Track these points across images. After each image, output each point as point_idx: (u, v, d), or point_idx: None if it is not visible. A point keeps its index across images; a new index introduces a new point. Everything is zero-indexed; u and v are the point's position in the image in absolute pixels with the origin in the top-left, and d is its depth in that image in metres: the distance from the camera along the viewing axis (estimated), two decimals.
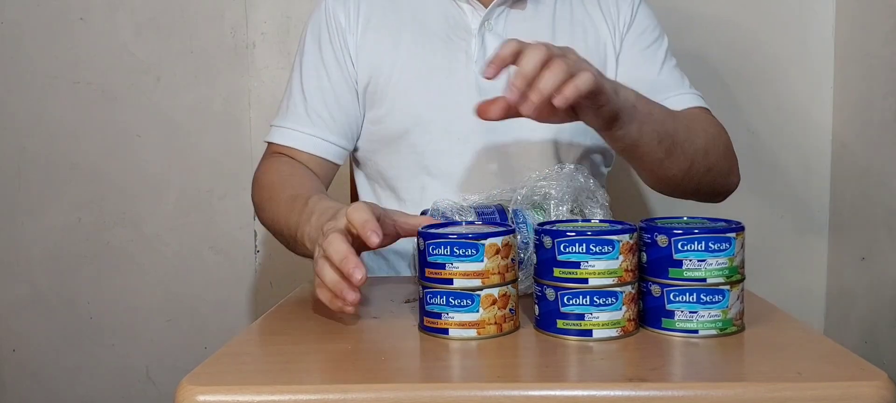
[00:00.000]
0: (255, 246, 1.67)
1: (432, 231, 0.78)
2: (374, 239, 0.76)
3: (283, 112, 1.15)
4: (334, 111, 1.13)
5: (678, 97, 1.13)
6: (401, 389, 0.64)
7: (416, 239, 0.78)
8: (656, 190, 1.11)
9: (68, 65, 1.62)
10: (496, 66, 0.82)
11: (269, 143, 1.16)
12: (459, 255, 0.75)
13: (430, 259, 0.76)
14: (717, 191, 1.12)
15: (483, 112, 0.84)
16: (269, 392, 0.64)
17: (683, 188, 1.07)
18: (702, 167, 1.04)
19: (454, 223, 0.88)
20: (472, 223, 0.86)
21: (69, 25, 1.61)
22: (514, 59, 0.81)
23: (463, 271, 0.75)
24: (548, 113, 0.85)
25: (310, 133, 1.12)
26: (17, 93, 1.63)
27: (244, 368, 0.71)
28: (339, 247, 0.76)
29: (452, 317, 0.76)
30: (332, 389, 0.64)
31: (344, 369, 0.69)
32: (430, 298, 0.76)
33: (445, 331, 0.76)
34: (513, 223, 0.89)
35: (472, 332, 0.76)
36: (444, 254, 0.75)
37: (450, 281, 0.75)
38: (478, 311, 0.76)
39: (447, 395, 0.64)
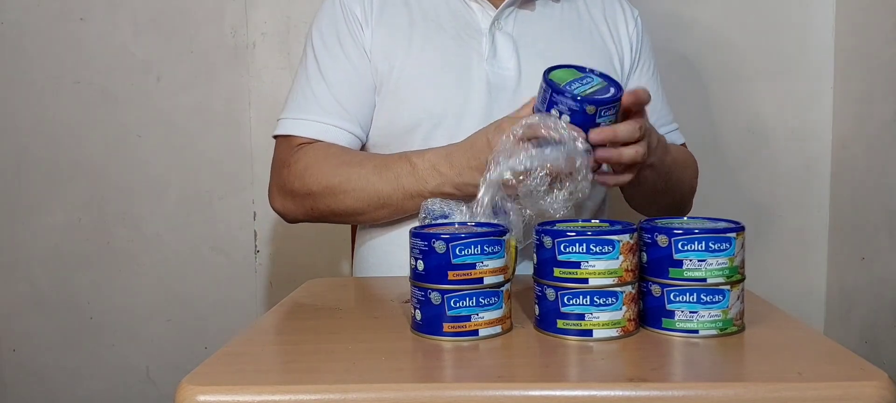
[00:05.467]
0: (255, 246, 1.67)
1: (445, 232, 0.77)
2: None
3: (302, 105, 1.13)
4: (360, 103, 1.13)
5: (669, 135, 1.22)
6: (401, 389, 0.65)
7: (411, 241, 0.78)
8: (636, 209, 1.24)
9: (68, 65, 1.62)
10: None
11: (287, 136, 1.13)
12: (489, 253, 0.76)
13: (456, 260, 0.75)
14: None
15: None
16: (269, 392, 0.64)
17: (644, 211, 1.23)
18: (670, 206, 1.19)
19: (448, 222, 0.88)
20: (465, 223, 0.86)
21: (69, 25, 1.61)
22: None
23: (491, 268, 0.76)
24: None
25: (335, 124, 1.11)
26: (17, 93, 1.63)
27: (244, 368, 0.71)
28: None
29: (482, 317, 0.76)
30: (332, 389, 0.64)
31: (344, 369, 0.69)
32: (457, 302, 0.76)
33: (475, 333, 0.76)
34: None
35: (498, 329, 0.77)
36: (474, 254, 0.75)
37: (479, 281, 0.76)
38: (502, 308, 0.77)
39: (447, 395, 0.64)
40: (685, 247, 0.75)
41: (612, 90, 0.89)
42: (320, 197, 1.08)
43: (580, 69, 0.92)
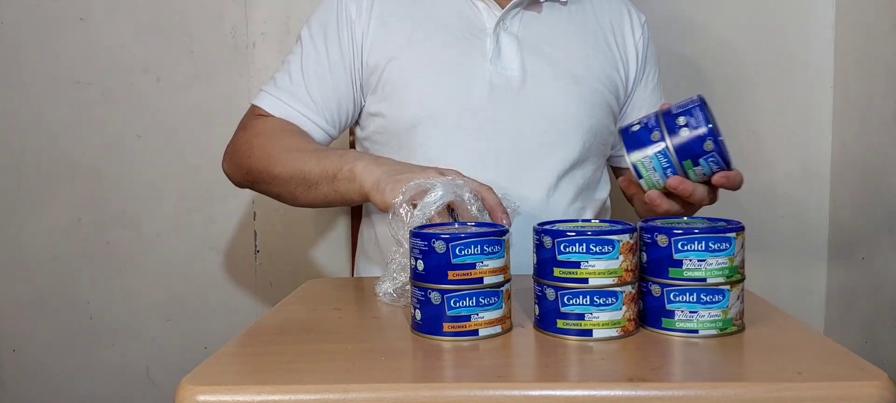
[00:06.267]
0: (255, 246, 1.67)
1: (445, 232, 0.77)
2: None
3: (278, 84, 1.17)
4: (328, 99, 1.15)
5: None
6: (400, 389, 0.64)
7: (411, 241, 0.78)
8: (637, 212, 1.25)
9: (68, 65, 1.62)
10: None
11: (257, 106, 1.17)
12: (489, 253, 0.76)
13: (456, 260, 0.75)
14: None
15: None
16: (269, 392, 0.64)
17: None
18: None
19: (448, 222, 0.88)
20: (465, 224, 0.86)
21: (69, 25, 1.61)
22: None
23: (491, 268, 0.76)
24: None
25: (299, 111, 1.14)
26: (17, 93, 1.63)
27: (244, 368, 0.71)
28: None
29: (482, 317, 0.76)
30: (332, 389, 0.64)
31: (344, 369, 0.69)
32: (457, 301, 0.76)
33: (475, 333, 0.76)
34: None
35: (498, 329, 0.77)
36: (474, 254, 0.75)
37: (479, 280, 0.76)
38: (502, 308, 0.77)
39: (447, 395, 0.64)
40: (685, 247, 0.75)
41: (730, 158, 0.90)
42: (257, 160, 1.11)
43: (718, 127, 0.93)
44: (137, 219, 1.65)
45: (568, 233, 0.75)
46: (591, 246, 0.74)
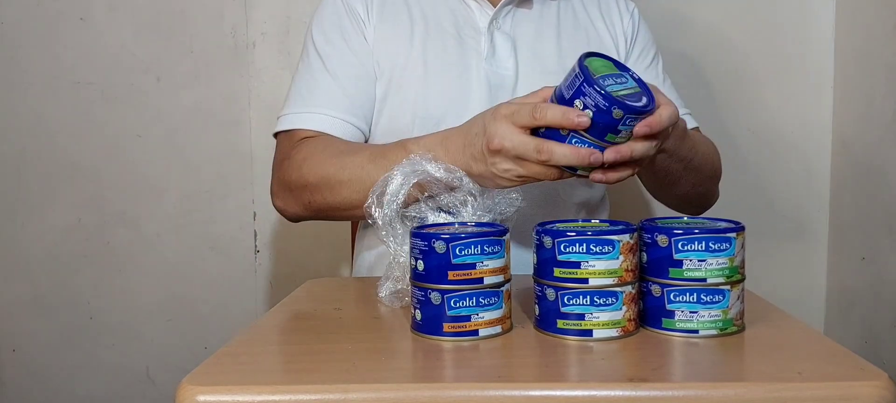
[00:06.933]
0: (255, 246, 1.67)
1: (445, 232, 0.77)
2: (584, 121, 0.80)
3: (307, 98, 1.11)
4: (366, 97, 1.12)
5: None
6: (401, 389, 0.65)
7: (411, 241, 0.78)
8: (653, 195, 1.21)
9: (68, 65, 1.62)
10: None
11: (289, 131, 1.11)
12: (489, 253, 0.76)
13: (456, 260, 0.75)
14: (702, 206, 1.22)
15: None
16: (269, 392, 0.64)
17: (677, 202, 1.19)
18: (700, 188, 1.15)
19: (448, 222, 0.88)
20: (465, 223, 0.86)
21: (69, 25, 1.61)
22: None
23: (491, 268, 0.76)
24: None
25: (343, 118, 1.09)
26: (17, 93, 1.63)
27: (244, 368, 0.71)
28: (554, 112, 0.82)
29: (482, 317, 0.76)
30: (332, 389, 0.64)
31: (344, 369, 0.69)
32: (457, 301, 0.76)
33: (475, 333, 0.76)
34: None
35: (498, 329, 0.77)
36: (474, 254, 0.75)
37: (479, 281, 0.76)
38: (502, 307, 0.77)
39: (447, 395, 0.64)
40: (685, 247, 0.75)
41: (644, 100, 0.82)
42: (316, 189, 1.04)
43: (618, 65, 0.85)
44: (137, 219, 1.65)
45: (568, 233, 0.75)
46: (592, 247, 0.74)
